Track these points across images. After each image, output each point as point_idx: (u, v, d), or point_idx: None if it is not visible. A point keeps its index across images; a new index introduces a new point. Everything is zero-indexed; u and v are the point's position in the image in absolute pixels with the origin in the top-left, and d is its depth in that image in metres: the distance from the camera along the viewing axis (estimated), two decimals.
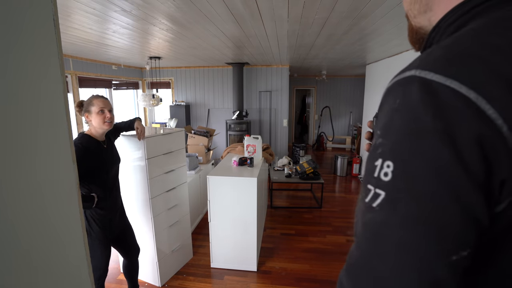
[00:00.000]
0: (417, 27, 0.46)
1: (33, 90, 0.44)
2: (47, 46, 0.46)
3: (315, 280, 2.49)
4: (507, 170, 0.28)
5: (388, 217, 0.31)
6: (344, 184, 5.34)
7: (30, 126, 0.43)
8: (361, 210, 0.35)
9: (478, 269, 0.33)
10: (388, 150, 0.32)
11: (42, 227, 0.46)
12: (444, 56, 0.31)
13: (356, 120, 8.38)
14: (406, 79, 0.32)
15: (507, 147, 0.27)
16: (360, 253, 0.33)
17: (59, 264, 0.50)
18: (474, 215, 0.28)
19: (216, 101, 6.18)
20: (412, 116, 0.30)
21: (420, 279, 0.28)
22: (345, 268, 0.35)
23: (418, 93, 0.30)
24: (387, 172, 0.31)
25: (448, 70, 0.29)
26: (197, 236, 3.22)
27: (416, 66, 0.32)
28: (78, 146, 1.54)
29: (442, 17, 0.39)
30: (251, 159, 2.79)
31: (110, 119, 1.65)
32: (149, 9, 1.98)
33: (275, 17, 2.23)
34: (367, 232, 0.33)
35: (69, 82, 4.05)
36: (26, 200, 0.43)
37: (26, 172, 0.43)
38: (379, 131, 0.34)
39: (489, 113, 0.27)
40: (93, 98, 1.64)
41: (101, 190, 1.66)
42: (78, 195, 0.53)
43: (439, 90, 0.29)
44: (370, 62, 5.24)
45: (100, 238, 1.69)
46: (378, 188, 0.32)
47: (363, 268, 0.32)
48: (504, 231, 0.30)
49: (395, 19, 2.30)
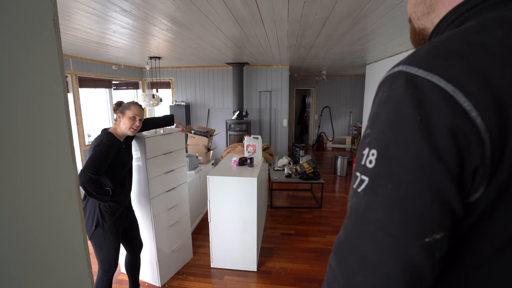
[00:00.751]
0: (420, 28, 0.47)
1: (33, 90, 0.44)
2: (47, 46, 0.46)
3: (315, 280, 2.49)
4: (479, 159, 0.29)
5: (370, 201, 0.33)
6: (344, 184, 5.34)
7: (30, 126, 0.43)
8: (350, 196, 0.37)
9: (457, 260, 0.34)
10: (373, 139, 0.34)
11: (42, 227, 0.46)
12: (428, 52, 0.33)
13: (356, 120, 8.38)
14: (394, 74, 0.34)
15: (480, 137, 0.29)
16: (346, 235, 0.36)
17: (59, 264, 0.50)
18: (447, 201, 0.30)
19: (216, 101, 6.18)
20: (395, 107, 0.32)
21: (396, 257, 0.31)
22: (333, 250, 0.38)
23: (402, 86, 0.32)
24: (372, 160, 0.34)
25: (430, 65, 0.31)
26: (197, 236, 3.21)
27: (404, 62, 0.34)
28: (106, 144, 1.64)
29: (442, 18, 0.41)
30: (251, 159, 2.79)
31: (136, 127, 1.79)
32: (149, 9, 1.98)
33: (275, 17, 2.23)
34: (352, 215, 0.35)
35: (69, 82, 4.05)
36: (25, 200, 0.43)
37: (26, 172, 0.43)
38: (368, 122, 0.36)
39: (465, 105, 0.29)
40: (132, 104, 1.80)
41: (115, 185, 1.75)
42: (78, 195, 0.53)
43: (420, 83, 0.31)
44: (370, 62, 5.24)
45: (112, 229, 1.75)
46: (363, 174, 0.35)
47: (349, 249, 0.35)
48: (479, 220, 0.32)
49: (395, 19, 2.30)
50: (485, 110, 0.29)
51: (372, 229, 0.32)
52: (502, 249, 0.32)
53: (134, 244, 2.03)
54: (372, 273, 0.32)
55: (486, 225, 0.32)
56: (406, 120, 0.31)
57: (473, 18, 0.36)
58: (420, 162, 0.30)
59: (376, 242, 0.32)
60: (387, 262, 0.31)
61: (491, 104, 0.29)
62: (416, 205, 0.30)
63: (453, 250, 0.34)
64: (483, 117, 0.28)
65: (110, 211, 1.74)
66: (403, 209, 0.31)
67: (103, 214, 1.72)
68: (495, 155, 0.29)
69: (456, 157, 0.29)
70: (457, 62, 0.30)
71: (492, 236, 0.32)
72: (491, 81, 0.29)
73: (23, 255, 0.43)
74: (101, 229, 1.71)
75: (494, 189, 0.30)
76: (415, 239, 0.30)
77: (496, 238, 0.32)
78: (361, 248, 0.33)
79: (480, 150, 0.29)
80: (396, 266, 0.31)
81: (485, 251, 0.33)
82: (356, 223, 0.34)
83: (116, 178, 1.76)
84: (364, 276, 0.32)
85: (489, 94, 0.29)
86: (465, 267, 0.34)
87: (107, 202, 1.71)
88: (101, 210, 1.71)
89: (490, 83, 0.29)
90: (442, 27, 0.40)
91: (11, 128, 0.41)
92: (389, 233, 0.31)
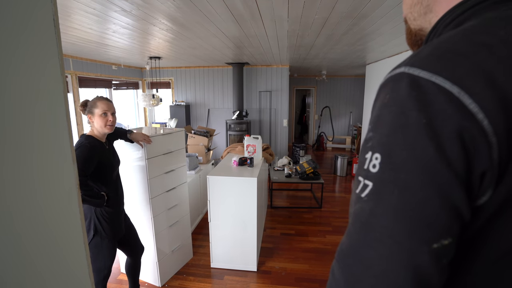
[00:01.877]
0: (416, 29, 0.46)
1: (33, 90, 0.44)
2: (47, 46, 0.45)
3: (314, 280, 2.49)
4: (487, 162, 0.29)
5: (374, 207, 0.32)
6: (344, 184, 5.34)
7: (29, 126, 0.43)
8: (353, 201, 0.36)
9: (465, 264, 0.34)
10: (376, 143, 0.33)
11: (42, 227, 0.46)
12: (431, 53, 0.32)
13: (356, 120, 8.38)
14: (396, 76, 0.33)
15: (487, 140, 0.28)
16: (349, 242, 0.34)
17: (59, 264, 0.50)
18: (456, 206, 0.29)
19: (216, 101, 6.18)
20: (399, 110, 0.31)
21: (404, 265, 0.30)
22: (336, 257, 0.36)
23: (405, 88, 0.31)
24: (375, 164, 0.33)
25: (434, 67, 0.30)
26: (197, 236, 3.21)
27: (406, 63, 0.33)
28: (86, 146, 1.55)
29: (440, 18, 0.40)
30: (251, 159, 2.79)
31: (112, 123, 1.66)
32: (149, 9, 1.98)
33: (275, 17, 2.23)
34: (356, 221, 0.34)
35: (69, 82, 4.05)
36: (25, 200, 0.43)
37: (25, 172, 0.43)
38: (370, 125, 0.36)
39: (471, 107, 0.28)
40: (97, 100, 1.65)
41: (108, 189, 1.70)
42: (78, 195, 0.53)
43: (424, 85, 0.30)
44: (370, 62, 5.24)
45: (110, 237, 1.71)
46: (366, 179, 0.33)
47: (353, 256, 0.33)
48: (487, 223, 0.32)
49: (395, 19, 2.30)
50: (491, 112, 0.28)
51: (377, 236, 0.31)
52: (509, 253, 0.31)
53: (135, 249, 2.00)
54: (378, 281, 0.31)
55: (493, 228, 0.31)
56: (411, 123, 0.30)
57: (473, 18, 0.35)
58: (427, 166, 0.29)
59: (382, 249, 0.31)
60: (394, 270, 0.30)
61: (498, 106, 0.28)
62: (424, 211, 0.29)
63: (459, 255, 0.33)
64: (489, 119, 0.28)
65: (107, 217, 1.69)
66: (411, 215, 0.30)
67: (101, 221, 1.67)
68: (503, 158, 0.29)
69: (464, 161, 0.29)
70: (461, 63, 0.30)
71: (500, 240, 0.31)
72: (496, 82, 0.28)
73: (24, 255, 0.43)
74: (99, 238, 1.66)
75: (502, 193, 0.30)
76: (423, 246, 0.29)
77: (503, 242, 0.31)
78: (366, 255, 0.32)
79: (487, 153, 0.28)
80: (404, 274, 0.30)
81: (492, 255, 0.32)
82: (360, 230, 0.33)
83: (108, 180, 1.70)
84: (369, 284, 0.31)
85: (495, 96, 0.28)
86: (472, 272, 0.34)
87: (103, 207, 1.66)
88: (98, 217, 1.67)
89: (496, 84, 0.28)
90: (440, 28, 0.40)
91: (11, 128, 0.41)
92: (395, 240, 0.30)
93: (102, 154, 1.66)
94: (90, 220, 1.65)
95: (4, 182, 0.40)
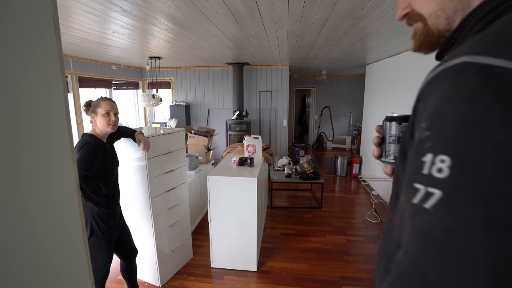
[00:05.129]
0: (444, 29, 0.42)
1: (33, 90, 0.44)
2: (47, 46, 0.46)
3: (314, 280, 2.49)
4: None
5: (448, 220, 0.27)
6: (344, 184, 5.34)
7: (30, 126, 0.43)
8: (408, 213, 0.31)
9: None
10: (440, 143, 0.29)
11: (42, 227, 0.46)
12: (498, 40, 0.29)
13: (356, 120, 8.38)
14: (457, 66, 0.30)
15: None
16: (411, 261, 0.30)
17: (59, 264, 0.50)
18: None
19: (216, 101, 6.18)
20: (471, 103, 0.28)
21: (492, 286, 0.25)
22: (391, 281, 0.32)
23: (475, 78, 0.28)
24: (442, 168, 0.28)
25: (507, 53, 0.28)
26: (197, 236, 3.22)
27: (467, 53, 0.30)
28: (91, 143, 1.59)
29: (470, 13, 0.38)
30: (251, 159, 2.79)
31: (114, 123, 1.68)
32: (149, 9, 1.98)
33: (275, 17, 2.23)
34: (420, 237, 0.29)
35: (69, 82, 4.05)
36: (25, 200, 0.43)
37: (26, 172, 0.43)
38: (424, 123, 0.32)
39: None
40: (101, 100, 1.68)
41: (107, 189, 1.71)
42: (78, 195, 0.53)
43: (498, 73, 0.27)
44: (370, 62, 5.24)
45: (106, 238, 1.71)
46: (430, 186, 0.29)
47: (416, 278, 0.29)
48: None
49: (395, 19, 2.30)
50: None
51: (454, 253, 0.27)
52: None
53: (128, 252, 2.00)
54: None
55: None
56: (489, 117, 0.26)
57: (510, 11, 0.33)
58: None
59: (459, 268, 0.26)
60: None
61: None
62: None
63: None
64: None
65: (103, 218, 1.69)
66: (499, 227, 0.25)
67: (97, 222, 1.67)
68: None
69: None
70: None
71: None
72: None
73: (25, 254, 0.43)
74: (95, 238, 1.66)
75: None
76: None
77: None
78: (436, 275, 0.27)
79: None
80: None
81: None
82: (426, 247, 0.28)
83: (108, 180, 1.71)
84: None
85: None
86: None
87: (102, 207, 1.66)
88: (95, 217, 1.66)
89: None
90: (471, 22, 0.37)
91: (11, 128, 0.41)
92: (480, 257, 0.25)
93: (104, 153, 1.68)
94: (87, 221, 1.66)
95: (4, 182, 0.40)
